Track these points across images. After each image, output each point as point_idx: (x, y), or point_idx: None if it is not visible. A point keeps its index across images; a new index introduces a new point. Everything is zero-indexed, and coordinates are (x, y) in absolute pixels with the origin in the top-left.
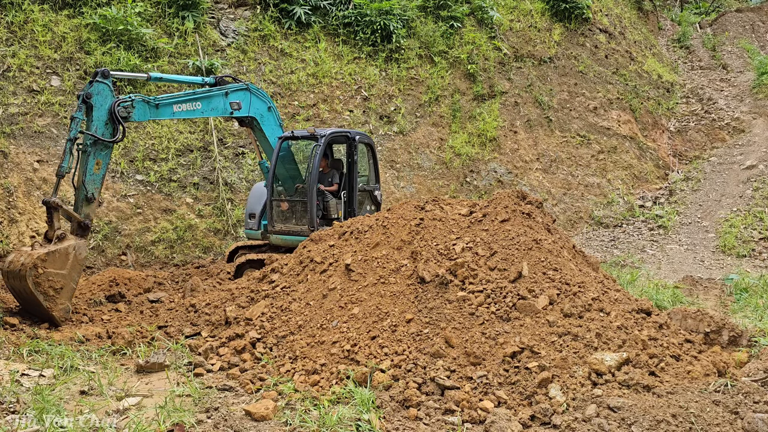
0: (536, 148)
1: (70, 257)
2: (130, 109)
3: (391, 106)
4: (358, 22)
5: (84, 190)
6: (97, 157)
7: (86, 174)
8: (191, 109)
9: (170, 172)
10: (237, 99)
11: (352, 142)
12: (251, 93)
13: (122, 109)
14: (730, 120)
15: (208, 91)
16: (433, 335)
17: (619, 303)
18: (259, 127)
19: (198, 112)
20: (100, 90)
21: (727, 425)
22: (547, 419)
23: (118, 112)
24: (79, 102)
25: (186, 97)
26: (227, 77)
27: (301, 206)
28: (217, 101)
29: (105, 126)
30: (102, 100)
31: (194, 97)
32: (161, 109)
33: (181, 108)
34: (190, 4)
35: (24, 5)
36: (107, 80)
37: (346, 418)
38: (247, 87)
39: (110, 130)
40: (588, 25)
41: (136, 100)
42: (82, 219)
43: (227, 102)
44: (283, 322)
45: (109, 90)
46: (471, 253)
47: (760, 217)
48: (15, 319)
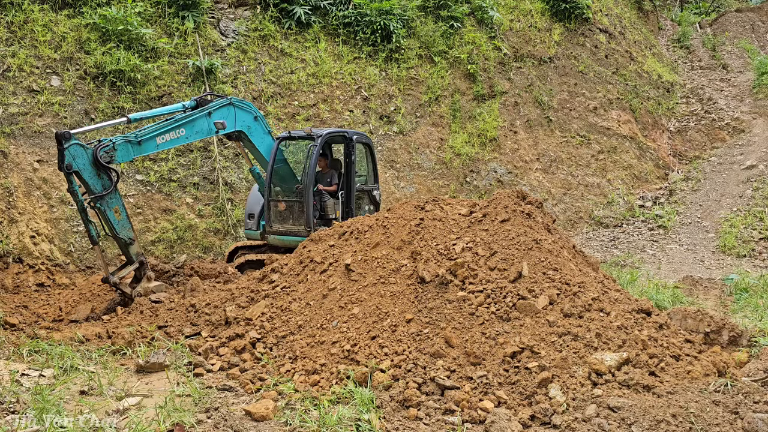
0: (536, 148)
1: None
2: (112, 152)
3: (391, 106)
4: (358, 22)
5: (121, 240)
6: (112, 207)
7: (114, 226)
8: (176, 137)
9: (170, 172)
10: (220, 118)
11: (350, 142)
12: (235, 107)
13: (104, 155)
14: (730, 120)
15: (190, 115)
16: (433, 335)
17: (619, 303)
18: (248, 139)
19: (183, 138)
20: (74, 153)
21: (727, 425)
22: (547, 419)
23: (101, 158)
24: (65, 176)
25: (168, 126)
26: (207, 95)
27: (298, 207)
28: (200, 123)
29: (99, 178)
30: (82, 161)
31: (177, 124)
32: (144, 145)
33: (165, 138)
34: (190, 4)
35: (24, 5)
36: (72, 140)
37: (346, 418)
38: (230, 102)
39: (105, 178)
40: (588, 25)
41: (117, 142)
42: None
43: (211, 122)
44: (283, 322)
45: (81, 148)
46: (471, 253)
47: (760, 217)
48: (15, 319)
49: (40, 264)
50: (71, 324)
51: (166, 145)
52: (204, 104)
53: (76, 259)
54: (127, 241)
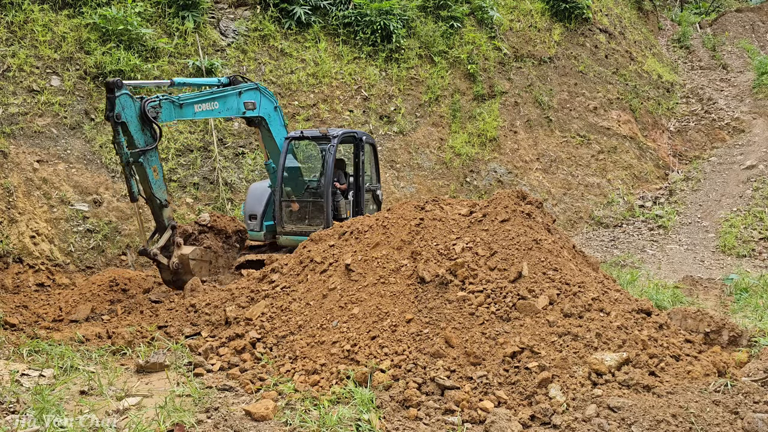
0: (536, 148)
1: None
2: (158, 109)
3: (391, 106)
4: (358, 22)
5: (156, 200)
6: (151, 165)
7: (151, 185)
8: (210, 109)
9: (170, 172)
10: (250, 98)
11: (360, 142)
12: (261, 93)
13: (151, 110)
14: (730, 120)
15: (223, 91)
16: (433, 335)
17: (619, 303)
18: (267, 127)
19: (216, 111)
20: (124, 104)
21: (727, 425)
22: (547, 419)
23: (148, 112)
24: (112, 125)
25: (205, 96)
26: (239, 76)
27: (312, 206)
28: (231, 101)
29: (142, 133)
30: (130, 112)
31: (212, 96)
32: (184, 109)
33: (202, 108)
34: (190, 4)
35: (24, 5)
36: (123, 90)
37: (346, 418)
38: (257, 87)
39: (148, 134)
40: (588, 25)
41: (162, 100)
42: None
43: (241, 102)
44: (283, 322)
45: (130, 99)
46: (471, 253)
47: (760, 217)
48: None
49: (40, 264)
50: (71, 324)
51: (201, 114)
52: (236, 84)
53: (76, 259)
54: (162, 202)
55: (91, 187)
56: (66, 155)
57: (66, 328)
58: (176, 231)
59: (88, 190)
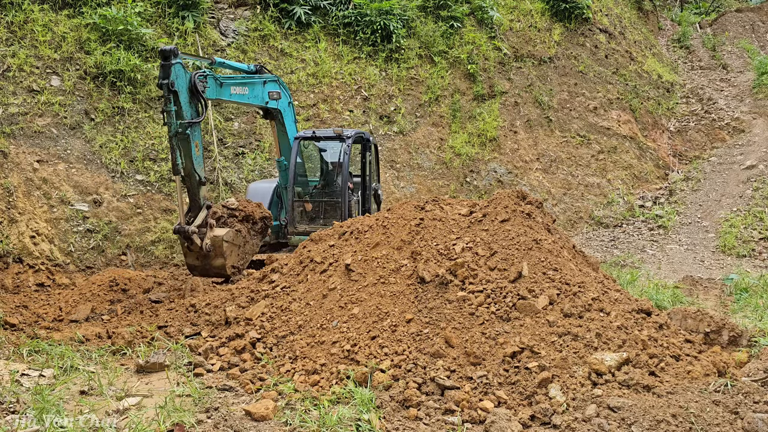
0: (536, 148)
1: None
2: (205, 83)
3: (391, 106)
4: (358, 22)
5: (196, 176)
6: (195, 139)
7: (193, 160)
8: (241, 93)
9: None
10: (274, 89)
11: (367, 142)
12: (280, 85)
13: (200, 83)
14: (730, 120)
15: (252, 78)
16: (433, 335)
17: (619, 303)
18: (282, 121)
19: (246, 97)
20: (178, 73)
21: (727, 425)
22: (547, 419)
23: (198, 85)
24: (165, 93)
25: (239, 80)
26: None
27: (325, 206)
28: (257, 89)
29: (190, 105)
30: (182, 82)
31: (244, 81)
32: (224, 89)
33: (236, 91)
34: (190, 4)
35: (24, 5)
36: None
37: (346, 418)
38: (277, 79)
39: (194, 108)
40: (588, 25)
41: (209, 75)
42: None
43: (265, 91)
44: (283, 322)
45: (183, 68)
46: (471, 253)
47: (760, 217)
48: (15, 319)
49: (40, 264)
50: (71, 324)
51: (234, 97)
52: (261, 73)
53: (76, 259)
54: (201, 179)
55: (91, 187)
56: (66, 155)
57: (66, 328)
58: (210, 211)
59: (88, 190)
